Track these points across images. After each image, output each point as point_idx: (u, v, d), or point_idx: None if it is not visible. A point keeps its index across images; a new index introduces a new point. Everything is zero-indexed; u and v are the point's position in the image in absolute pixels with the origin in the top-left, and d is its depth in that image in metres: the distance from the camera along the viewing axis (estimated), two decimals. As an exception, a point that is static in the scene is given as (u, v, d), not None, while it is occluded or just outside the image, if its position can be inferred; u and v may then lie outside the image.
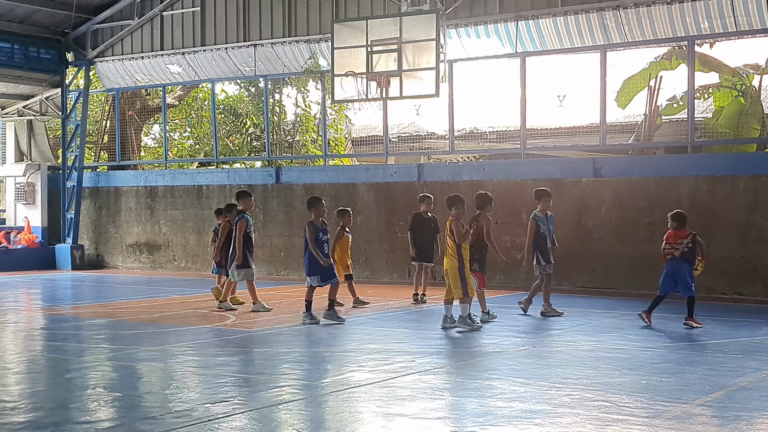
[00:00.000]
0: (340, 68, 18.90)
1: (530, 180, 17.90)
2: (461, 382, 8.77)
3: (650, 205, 16.60)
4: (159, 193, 23.61)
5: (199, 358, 10.18)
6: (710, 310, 13.84)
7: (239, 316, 13.67)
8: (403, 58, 18.25)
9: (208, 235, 19.44)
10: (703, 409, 7.31)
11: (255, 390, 8.25)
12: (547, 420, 6.96)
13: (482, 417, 7.09)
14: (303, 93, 24.82)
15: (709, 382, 8.45)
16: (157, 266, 23.41)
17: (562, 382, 8.46)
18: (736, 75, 19.91)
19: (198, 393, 8.16)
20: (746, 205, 15.79)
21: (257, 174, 22.41)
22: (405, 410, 7.35)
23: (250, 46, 22.14)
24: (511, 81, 19.33)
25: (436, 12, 18.23)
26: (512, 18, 18.72)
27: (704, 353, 10.21)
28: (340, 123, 26.31)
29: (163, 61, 23.67)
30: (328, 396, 7.89)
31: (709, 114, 21.51)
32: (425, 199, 15.63)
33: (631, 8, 17.50)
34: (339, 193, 20.38)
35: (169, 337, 11.55)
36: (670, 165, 17.17)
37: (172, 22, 23.42)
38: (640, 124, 21.14)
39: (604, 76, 17.84)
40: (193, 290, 17.91)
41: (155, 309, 14.86)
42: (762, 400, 7.61)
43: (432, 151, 25.23)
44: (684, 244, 12.06)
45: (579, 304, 14.29)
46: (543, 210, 13.59)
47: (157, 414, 7.24)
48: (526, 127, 18.97)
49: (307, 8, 21.28)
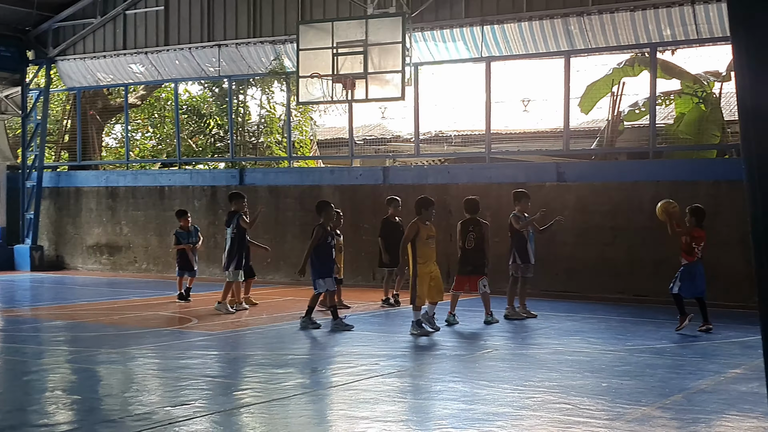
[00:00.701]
0: (306, 70, 18.86)
1: (495, 184, 17.96)
2: (424, 384, 8.77)
3: (613, 209, 16.74)
4: (120, 193, 23.39)
5: (160, 360, 10.09)
6: (671, 314, 13.96)
7: (201, 319, 13.57)
8: (368, 61, 18.25)
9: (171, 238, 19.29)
10: (662, 411, 7.37)
11: (217, 393, 8.18)
12: (509, 422, 6.97)
13: (445, 420, 7.09)
14: (268, 94, 24.72)
15: (669, 384, 8.52)
16: (118, 268, 23.19)
17: (525, 385, 8.48)
18: (697, 82, 20.16)
19: (159, 396, 8.08)
20: (707, 210, 15.91)
21: (221, 175, 22.29)
22: (368, 413, 7.33)
23: (215, 46, 22.01)
24: (477, 85, 19.45)
25: (402, 15, 18.25)
26: (478, 22, 18.78)
27: (664, 356, 10.29)
28: (305, 125, 26.24)
29: (126, 60, 23.46)
30: (291, 399, 7.84)
31: (670, 120, 21.75)
32: (393, 202, 15.50)
33: (594, 15, 17.63)
34: (303, 196, 20.32)
35: (129, 340, 11.44)
36: (632, 170, 17.32)
37: (135, 21, 23.22)
38: (603, 129, 21.32)
39: (568, 82, 17.96)
40: (154, 292, 17.76)
41: (116, 311, 14.71)
42: (720, 402, 7.69)
43: (397, 154, 25.24)
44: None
45: (542, 307, 14.36)
46: (522, 211, 13.59)
47: (116, 417, 7.16)
48: (491, 131, 19.05)
49: (273, 9, 21.20)
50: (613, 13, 17.43)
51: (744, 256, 15.07)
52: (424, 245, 11.86)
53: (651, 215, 16.15)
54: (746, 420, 7.06)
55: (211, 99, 29.08)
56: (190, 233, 16.17)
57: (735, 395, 7.99)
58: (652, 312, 14.39)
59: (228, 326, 12.83)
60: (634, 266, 16.46)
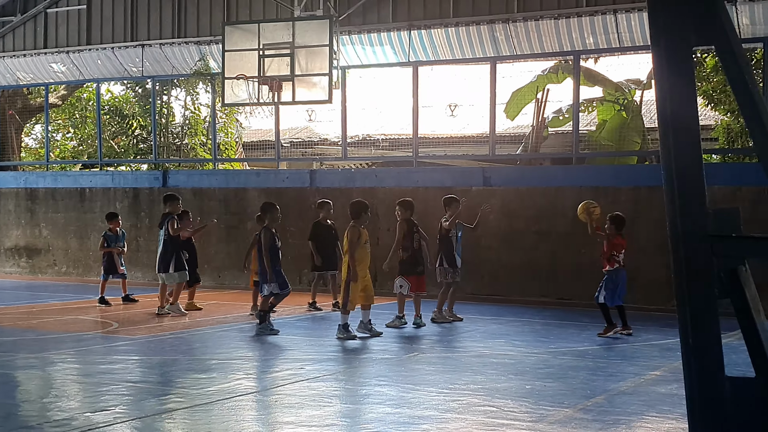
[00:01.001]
0: (231, 71, 18.70)
1: (422, 188, 18.05)
2: (350, 389, 8.76)
3: (537, 214, 16.96)
4: (40, 195, 22.87)
5: (80, 365, 9.89)
6: (592, 317, 14.19)
7: (123, 323, 13.35)
8: (296, 63, 18.17)
9: (94, 240, 18.96)
10: (584, 413, 7.48)
11: (138, 398, 8.05)
12: (435, 425, 7.00)
13: (371, 424, 7.08)
14: (192, 95, 24.41)
15: (591, 386, 8.65)
16: (37, 271, 22.66)
17: (450, 388, 8.53)
18: (619, 90, 20.56)
19: (78, 401, 7.91)
20: (627, 216, 16.21)
21: (143, 177, 21.96)
22: (293, 418, 7.28)
23: (138, 46, 21.69)
24: (404, 89, 19.51)
25: (329, 18, 18.23)
26: (405, 27, 18.87)
27: (586, 359, 10.46)
28: (230, 127, 25.99)
29: (47, 59, 22.98)
30: (214, 404, 7.76)
31: (592, 127, 22.12)
32: (325, 205, 15.25)
33: (520, 22, 17.86)
34: (229, 198, 20.13)
35: (48, 344, 11.19)
36: (555, 176, 17.57)
37: (57, 20, 22.76)
38: (528, 135, 21.58)
39: (494, 88, 18.14)
40: (74, 296, 17.41)
41: (34, 315, 14.38)
42: (641, 404, 7.84)
43: (324, 157, 25.19)
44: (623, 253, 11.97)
45: (467, 310, 14.46)
46: (452, 216, 13.50)
47: (34, 423, 6.99)
48: (418, 135, 19.14)
49: (198, 9, 20.98)
50: (538, 21, 17.68)
51: (662, 260, 15.39)
52: (362, 249, 11.80)
53: (574, 220, 16.39)
54: (665, 421, 7.21)
55: (133, 100, 28.63)
56: (119, 236, 15.91)
57: (654, 397, 8.16)
58: (575, 315, 14.62)
59: (150, 331, 12.64)
60: (557, 270, 16.70)
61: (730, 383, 2.59)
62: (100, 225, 21.48)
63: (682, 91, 2.55)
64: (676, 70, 2.55)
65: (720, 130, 18.23)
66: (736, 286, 2.61)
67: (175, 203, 14.57)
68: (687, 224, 2.56)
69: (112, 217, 16.05)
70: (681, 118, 2.55)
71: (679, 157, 2.55)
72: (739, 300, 2.62)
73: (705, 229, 2.56)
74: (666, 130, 2.57)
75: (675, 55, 2.55)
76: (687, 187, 2.55)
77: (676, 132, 2.55)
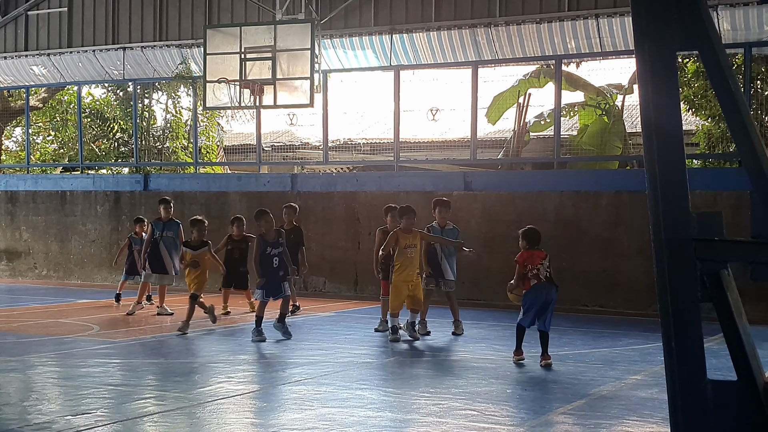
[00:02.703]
0: (213, 74, 18.66)
1: (403, 192, 18.05)
2: (331, 392, 8.74)
3: (518, 219, 16.97)
4: (20, 198, 22.72)
5: (61, 368, 9.83)
6: (573, 322, 14.25)
7: (103, 327, 13.28)
8: (277, 67, 18.16)
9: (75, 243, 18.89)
10: (565, 417, 7.50)
11: (119, 401, 8.00)
12: (416, 429, 7.00)
13: (352, 427, 7.07)
14: (174, 99, 24.36)
15: (572, 391, 8.68)
16: (17, 274, 22.51)
17: (431, 392, 8.53)
18: (601, 94, 20.65)
19: (59, 405, 7.86)
20: (608, 220, 16.34)
21: (124, 180, 21.87)
22: (274, 422, 7.26)
23: (119, 49, 21.62)
24: (385, 94, 19.54)
25: (311, 21, 18.23)
26: (387, 31, 18.89)
27: (566, 363, 10.48)
28: (211, 130, 25.93)
29: (27, 62, 22.87)
30: (196, 408, 7.73)
31: (574, 131, 22.22)
32: (287, 209, 14.93)
33: (502, 26, 17.92)
34: (210, 202, 20.07)
35: (28, 348, 11.11)
36: (536, 180, 17.62)
37: (38, 22, 22.66)
38: (509, 139, 21.65)
39: (476, 92, 18.17)
40: (54, 299, 17.30)
41: (14, 318, 14.28)
42: (621, 408, 7.86)
43: (306, 162, 25.18)
44: (545, 266, 10.44)
45: (449, 315, 14.45)
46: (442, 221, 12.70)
47: (15, 426, 6.93)
48: (399, 139, 19.15)
49: (179, 12, 20.94)
50: (520, 25, 17.75)
51: (644, 265, 15.48)
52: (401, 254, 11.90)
53: (555, 224, 16.50)
54: (646, 425, 7.24)
55: (115, 103, 28.52)
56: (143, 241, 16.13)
57: (635, 401, 8.19)
58: (555, 320, 14.52)
59: (131, 334, 12.58)
60: (538, 274, 16.71)
61: (712, 387, 2.60)
62: (80, 228, 21.42)
63: (665, 95, 2.57)
64: (659, 74, 2.57)
65: (701, 135, 18.35)
66: (718, 289, 2.62)
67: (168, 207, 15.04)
68: (670, 228, 2.57)
69: (139, 221, 16.29)
70: (664, 122, 2.57)
71: (663, 161, 2.56)
72: (722, 304, 2.63)
73: (688, 233, 2.57)
74: (649, 135, 2.58)
75: (659, 59, 2.57)
76: (670, 191, 2.56)
77: (660, 136, 2.57)
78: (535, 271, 10.34)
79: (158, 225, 14.83)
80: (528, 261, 10.40)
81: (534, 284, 10.32)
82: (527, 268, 10.37)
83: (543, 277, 10.34)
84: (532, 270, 10.34)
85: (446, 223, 12.76)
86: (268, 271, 11.99)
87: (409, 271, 11.84)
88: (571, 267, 16.28)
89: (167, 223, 14.87)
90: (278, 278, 12.08)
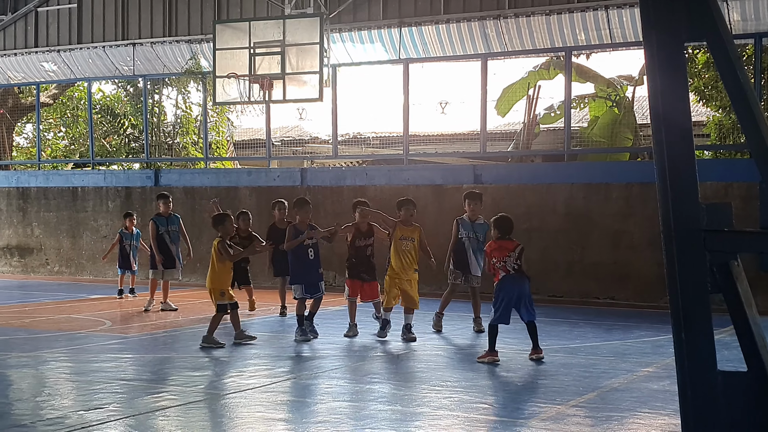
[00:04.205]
0: (222, 70, 18.68)
1: (413, 186, 18.04)
2: (342, 386, 8.76)
3: (528, 211, 16.95)
4: (32, 194, 22.81)
5: (73, 364, 9.88)
6: (584, 314, 14.24)
7: (115, 322, 13.33)
8: (286, 61, 18.16)
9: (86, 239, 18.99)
10: (577, 409, 7.49)
11: (131, 396, 8.04)
12: (427, 422, 7.01)
13: (363, 421, 7.09)
14: (184, 94, 24.40)
15: (583, 383, 8.67)
16: (29, 270, 22.60)
17: (442, 385, 8.54)
18: (611, 86, 20.58)
19: (71, 400, 7.90)
20: (619, 212, 16.29)
21: (135, 176, 21.92)
22: (285, 415, 7.29)
23: (129, 45, 21.65)
24: (395, 87, 19.51)
25: (319, 16, 18.22)
26: (395, 24, 18.87)
27: (578, 356, 10.47)
28: (221, 125, 25.97)
29: (38, 58, 22.93)
30: (208, 402, 7.76)
31: (584, 123, 22.16)
32: (278, 204, 14.34)
33: (511, 18, 17.88)
34: (220, 197, 20.05)
35: (41, 343, 11.17)
36: (547, 173, 17.58)
37: (48, 19, 22.71)
38: (519, 132, 21.61)
39: (485, 85, 18.13)
40: (66, 295, 17.37)
41: (27, 314, 14.35)
42: (633, 400, 7.86)
43: (315, 156, 25.19)
44: (513, 258, 9.87)
45: (458, 308, 14.44)
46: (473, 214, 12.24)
47: (27, 422, 6.97)
48: (408, 133, 19.13)
49: (189, 8, 20.96)
50: (530, 17, 17.71)
51: (655, 256, 15.43)
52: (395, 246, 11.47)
53: (565, 217, 16.47)
54: (658, 417, 7.23)
55: (125, 98, 28.60)
56: (133, 235, 16.63)
57: (647, 393, 8.18)
58: (566, 312, 14.63)
59: (143, 329, 12.62)
60: (548, 267, 16.70)
61: (722, 378, 2.60)
62: (92, 224, 21.49)
63: (674, 86, 2.56)
64: (668, 65, 2.56)
65: (711, 126, 18.28)
66: (728, 280, 2.62)
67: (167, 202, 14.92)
68: (680, 219, 2.57)
69: (128, 215, 16.80)
70: (673, 113, 2.56)
71: (672, 152, 2.55)
72: (732, 295, 2.63)
73: (698, 224, 2.57)
74: (658, 126, 2.58)
75: (667, 50, 2.56)
76: (679, 182, 2.56)
77: (669, 128, 2.56)
78: (502, 263, 9.81)
79: (161, 220, 14.73)
80: (495, 252, 9.91)
81: (502, 276, 9.79)
82: (493, 260, 9.90)
83: (511, 269, 9.79)
84: (499, 261, 9.83)
85: (477, 216, 12.27)
86: (304, 264, 11.63)
87: (403, 265, 11.36)
88: (581, 259, 16.26)
89: (169, 218, 14.85)
90: (316, 275, 11.63)
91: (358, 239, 11.78)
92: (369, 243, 11.83)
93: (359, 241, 11.79)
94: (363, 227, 11.82)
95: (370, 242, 11.84)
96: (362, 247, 11.79)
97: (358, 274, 11.81)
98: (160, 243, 14.63)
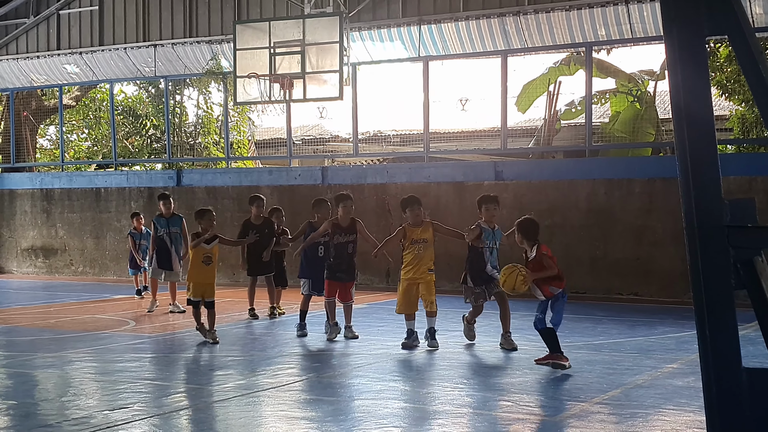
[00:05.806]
0: (243, 70, 18.74)
1: (433, 183, 18.03)
2: (365, 384, 8.76)
3: (550, 207, 16.91)
4: (55, 195, 22.98)
5: (98, 364, 9.94)
6: (607, 310, 14.18)
7: (138, 321, 13.40)
8: (306, 61, 18.20)
9: (110, 240, 19.10)
10: (601, 407, 7.46)
11: (155, 396, 8.08)
12: (450, 420, 7.00)
13: (385, 419, 7.09)
14: (205, 94, 24.51)
15: (607, 380, 8.63)
16: (54, 271, 22.78)
17: (464, 383, 8.53)
18: (632, 81, 20.46)
19: (96, 400, 7.95)
20: (641, 208, 16.22)
21: (157, 176, 22.02)
22: (307, 414, 7.30)
23: (150, 46, 21.76)
24: (415, 85, 19.49)
25: (339, 15, 18.24)
26: (415, 22, 18.86)
27: (602, 353, 10.42)
28: (242, 125, 26.07)
29: (60, 60, 23.10)
30: (231, 401, 7.78)
31: (606, 119, 22.05)
32: (256, 200, 13.99)
33: (531, 14, 17.83)
34: (242, 196, 20.13)
35: (66, 344, 11.24)
36: (568, 169, 17.52)
37: (69, 21, 22.86)
38: (540, 128, 21.53)
39: (505, 81, 18.08)
40: (90, 295, 17.49)
41: (51, 315, 14.45)
42: (657, 397, 7.81)
43: (336, 154, 25.21)
44: None
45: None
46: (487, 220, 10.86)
47: (53, 422, 7.02)
48: (429, 130, 19.12)
49: (209, 8, 21.03)
50: (549, 13, 17.64)
51: (679, 252, 15.34)
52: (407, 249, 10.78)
53: (587, 213, 16.40)
54: (683, 414, 7.18)
55: (147, 99, 28.74)
56: (142, 234, 16.52)
57: (671, 390, 8.13)
58: (590, 309, 14.57)
59: (166, 329, 12.68)
60: (570, 263, 16.60)
61: (747, 374, 2.58)
62: (115, 225, 21.62)
63: (695, 81, 2.55)
64: (689, 60, 2.54)
65: (734, 120, 18.14)
66: (752, 276, 2.60)
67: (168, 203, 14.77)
68: (702, 215, 2.55)
69: (135, 215, 16.82)
70: (695, 108, 2.54)
71: (694, 147, 2.54)
72: (756, 291, 2.61)
73: (721, 220, 2.55)
74: (680, 121, 2.56)
75: (688, 44, 2.54)
76: (702, 177, 2.54)
77: (690, 122, 2.54)
78: None
79: (161, 221, 14.45)
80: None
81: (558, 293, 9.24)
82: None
83: None
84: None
85: (494, 223, 10.92)
86: (314, 260, 11.57)
87: (418, 269, 10.63)
88: (604, 255, 16.19)
89: (171, 219, 14.49)
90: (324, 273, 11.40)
91: (339, 235, 11.28)
92: (350, 240, 11.35)
93: (339, 238, 11.29)
94: (344, 222, 11.33)
95: (351, 239, 11.35)
96: (343, 244, 11.30)
97: (335, 275, 11.36)
98: (158, 244, 14.45)
